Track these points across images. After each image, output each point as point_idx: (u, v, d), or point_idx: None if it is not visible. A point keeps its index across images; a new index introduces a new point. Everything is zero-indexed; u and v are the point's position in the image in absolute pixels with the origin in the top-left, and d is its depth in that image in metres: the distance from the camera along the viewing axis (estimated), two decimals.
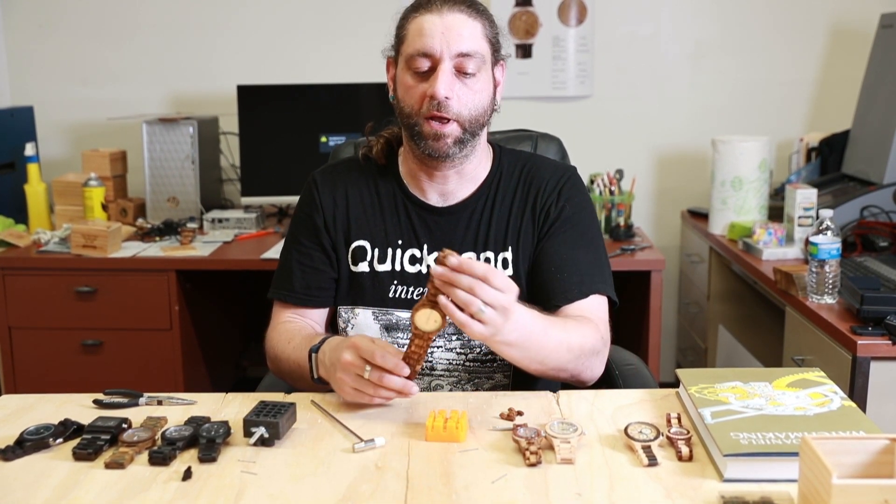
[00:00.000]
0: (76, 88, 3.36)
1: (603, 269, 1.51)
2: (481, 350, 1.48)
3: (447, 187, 1.51)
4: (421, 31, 1.39)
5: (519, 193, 1.53)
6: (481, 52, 1.41)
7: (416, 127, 1.42)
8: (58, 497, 1.04)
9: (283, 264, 1.56)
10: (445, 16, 1.39)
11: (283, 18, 3.29)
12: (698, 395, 1.20)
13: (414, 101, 1.41)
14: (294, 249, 1.55)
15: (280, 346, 1.47)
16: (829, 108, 3.25)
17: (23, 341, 2.71)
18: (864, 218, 2.49)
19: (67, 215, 2.95)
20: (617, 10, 3.26)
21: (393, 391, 1.23)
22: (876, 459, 0.94)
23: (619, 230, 2.83)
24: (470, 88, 1.41)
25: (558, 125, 2.42)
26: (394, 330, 1.48)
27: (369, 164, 1.57)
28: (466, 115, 1.41)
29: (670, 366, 3.40)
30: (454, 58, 1.38)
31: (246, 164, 3.06)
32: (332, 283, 1.53)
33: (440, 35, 1.38)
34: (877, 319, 1.85)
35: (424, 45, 1.38)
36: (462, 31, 1.39)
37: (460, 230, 1.50)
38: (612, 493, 1.02)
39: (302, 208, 1.57)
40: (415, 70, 1.40)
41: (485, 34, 1.42)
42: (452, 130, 1.41)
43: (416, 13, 1.41)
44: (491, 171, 1.54)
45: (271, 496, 1.03)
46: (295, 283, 1.53)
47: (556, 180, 1.53)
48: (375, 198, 1.54)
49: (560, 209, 1.50)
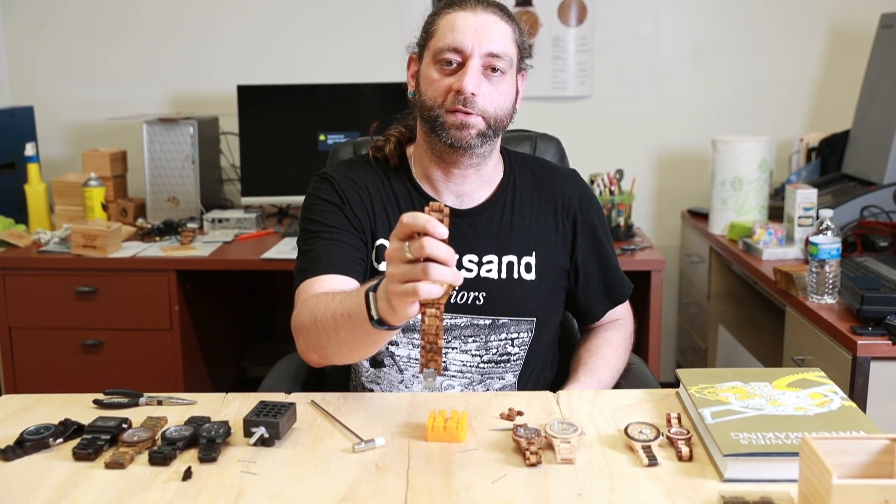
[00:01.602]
0: (76, 88, 3.36)
1: (620, 270, 1.63)
2: (497, 351, 1.48)
3: (464, 188, 1.50)
4: (453, 27, 1.40)
5: (536, 199, 1.54)
6: (510, 54, 1.42)
7: (440, 119, 1.41)
8: (58, 497, 1.04)
9: (308, 253, 1.43)
10: (479, 14, 1.40)
11: (284, 18, 3.29)
12: (698, 395, 1.20)
13: (438, 93, 1.41)
14: (320, 237, 1.43)
15: (321, 307, 1.28)
16: (829, 108, 3.25)
17: (23, 341, 2.71)
18: (864, 218, 2.49)
19: (67, 215, 2.95)
20: (617, 10, 3.26)
21: (438, 259, 1.04)
22: (876, 459, 0.94)
23: (619, 230, 2.83)
24: (496, 88, 1.41)
25: (558, 125, 2.42)
26: (409, 330, 1.47)
27: (380, 163, 1.54)
28: (491, 111, 1.41)
29: (670, 366, 3.40)
30: (484, 56, 1.39)
31: (246, 164, 3.05)
32: (364, 264, 1.44)
33: (472, 32, 1.39)
34: (877, 319, 1.85)
35: (456, 40, 1.39)
36: (493, 31, 1.40)
37: (482, 232, 1.50)
38: (612, 493, 1.02)
39: (324, 202, 1.48)
40: (443, 64, 1.40)
41: (514, 38, 1.44)
42: (476, 122, 1.40)
43: (450, 9, 1.42)
44: (505, 174, 1.55)
45: (271, 496, 1.03)
46: (329, 260, 1.40)
47: (572, 189, 1.57)
48: (392, 198, 1.51)
49: (586, 220, 1.56)
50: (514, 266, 1.49)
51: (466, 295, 1.47)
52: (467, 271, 1.47)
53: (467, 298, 1.47)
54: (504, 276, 1.48)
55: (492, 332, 1.47)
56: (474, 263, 1.48)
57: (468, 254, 1.48)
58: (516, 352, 1.49)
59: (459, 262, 1.47)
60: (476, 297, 1.47)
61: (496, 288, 1.48)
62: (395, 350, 1.48)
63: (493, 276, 1.48)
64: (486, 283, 1.48)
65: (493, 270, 1.48)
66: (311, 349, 1.33)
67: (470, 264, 1.48)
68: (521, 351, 1.49)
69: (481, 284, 1.47)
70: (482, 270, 1.48)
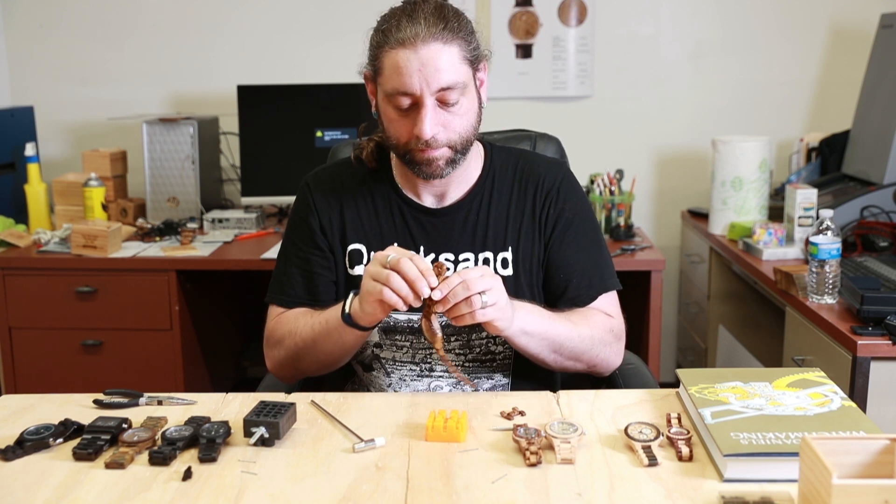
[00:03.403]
0: (76, 88, 3.36)
1: (606, 265, 1.54)
2: (481, 350, 1.48)
3: (443, 189, 1.51)
4: (397, 69, 1.33)
5: (515, 192, 1.52)
6: (462, 79, 1.36)
7: (407, 156, 1.41)
8: (58, 497, 1.04)
9: (282, 269, 1.54)
10: (420, 50, 1.32)
11: (284, 18, 3.29)
12: (698, 395, 1.20)
13: (399, 134, 1.40)
14: (291, 254, 1.53)
15: (300, 321, 1.44)
16: (829, 108, 3.25)
17: (23, 341, 2.71)
18: (864, 218, 2.49)
19: (68, 215, 2.95)
20: (617, 10, 3.26)
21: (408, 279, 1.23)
22: (876, 459, 0.94)
23: (619, 230, 2.83)
24: (455, 115, 1.38)
25: (558, 125, 2.42)
26: (392, 332, 1.47)
27: (362, 166, 1.55)
28: (457, 138, 1.40)
29: (670, 366, 3.40)
30: (435, 93, 1.35)
31: (246, 164, 3.05)
32: (332, 286, 1.52)
33: (417, 73, 1.32)
34: (877, 319, 1.85)
35: (403, 85, 1.34)
36: (439, 65, 1.33)
37: (456, 231, 1.50)
38: (612, 493, 1.02)
39: (297, 212, 1.56)
40: (397, 105, 1.37)
41: (462, 56, 1.36)
42: (443, 154, 1.40)
43: (390, 47, 1.34)
44: (483, 169, 1.54)
45: (271, 496, 1.03)
46: (296, 288, 1.51)
47: (552, 178, 1.53)
48: (370, 200, 1.52)
49: (560, 210, 1.51)
50: (491, 263, 1.48)
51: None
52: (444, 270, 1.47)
53: None
54: None
55: (472, 331, 1.46)
56: (450, 262, 1.48)
57: (444, 252, 1.48)
58: (501, 350, 1.49)
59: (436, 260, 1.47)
60: None
61: None
62: (380, 353, 1.49)
63: None
64: None
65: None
66: (285, 359, 1.47)
67: (447, 263, 1.47)
68: (507, 349, 1.49)
69: None
70: (458, 269, 1.47)
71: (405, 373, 1.48)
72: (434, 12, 1.35)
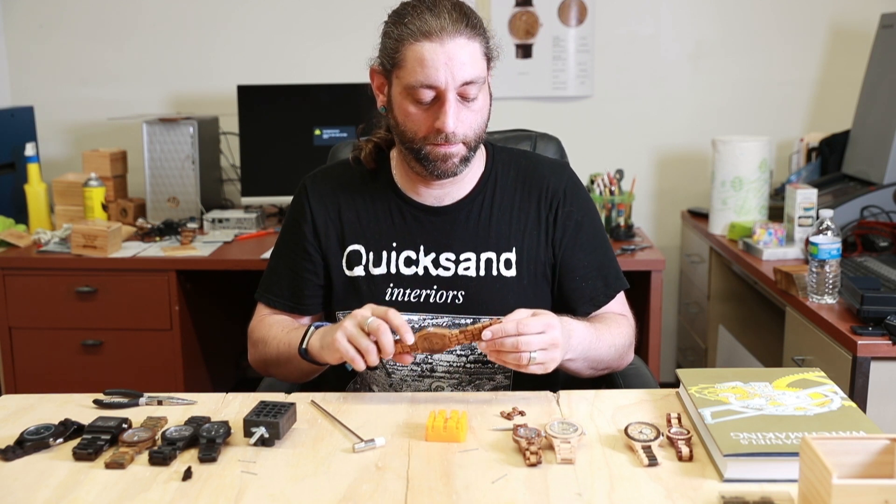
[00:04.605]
0: (76, 88, 3.36)
1: (615, 263, 1.58)
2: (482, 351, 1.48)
3: (443, 190, 1.51)
4: (422, 62, 1.34)
5: (519, 193, 1.52)
6: (482, 73, 1.38)
7: (422, 151, 1.41)
8: (58, 497, 1.04)
9: (273, 267, 1.58)
10: (447, 43, 1.33)
11: (284, 18, 3.29)
12: (698, 395, 1.20)
13: (417, 128, 1.39)
14: (282, 255, 1.56)
15: (273, 331, 1.49)
16: (829, 108, 3.25)
17: (23, 341, 2.71)
18: (864, 218, 2.49)
19: (68, 215, 2.95)
20: (617, 10, 3.26)
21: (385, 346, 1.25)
22: (876, 459, 0.94)
23: (619, 230, 2.83)
24: (472, 110, 1.39)
25: (558, 125, 2.42)
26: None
27: (360, 166, 1.55)
28: (472, 135, 1.41)
29: (670, 366, 3.40)
30: (458, 87, 1.36)
31: (246, 164, 3.05)
32: (319, 290, 1.54)
33: (444, 66, 1.33)
34: (877, 319, 1.85)
35: (428, 78, 1.34)
36: (464, 59, 1.34)
37: (458, 230, 1.50)
38: (612, 493, 1.02)
39: (292, 215, 1.57)
40: (417, 98, 1.37)
41: (483, 52, 1.39)
42: (459, 150, 1.40)
43: (415, 40, 1.34)
44: (486, 169, 1.54)
45: (271, 496, 1.03)
46: (283, 288, 1.55)
47: (557, 180, 1.54)
48: (368, 201, 1.52)
49: (567, 213, 1.52)
50: (493, 263, 1.48)
51: (445, 294, 1.46)
52: (444, 270, 1.48)
53: (446, 298, 1.46)
54: (483, 274, 1.48)
55: None
56: (451, 262, 1.48)
57: (445, 252, 1.48)
58: None
59: (437, 260, 1.48)
60: (455, 296, 1.46)
61: (475, 286, 1.47)
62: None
63: (471, 273, 1.47)
64: (465, 281, 1.47)
65: (472, 268, 1.48)
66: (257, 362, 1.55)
67: (447, 262, 1.48)
68: None
69: (459, 283, 1.47)
70: (459, 268, 1.47)
71: (406, 373, 1.48)
72: (455, 7, 1.37)
